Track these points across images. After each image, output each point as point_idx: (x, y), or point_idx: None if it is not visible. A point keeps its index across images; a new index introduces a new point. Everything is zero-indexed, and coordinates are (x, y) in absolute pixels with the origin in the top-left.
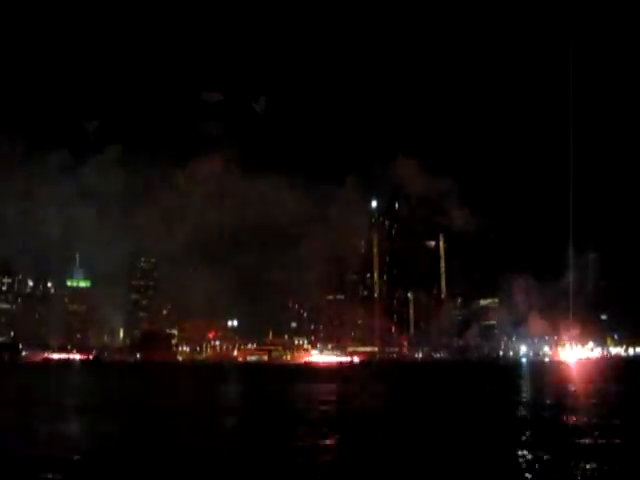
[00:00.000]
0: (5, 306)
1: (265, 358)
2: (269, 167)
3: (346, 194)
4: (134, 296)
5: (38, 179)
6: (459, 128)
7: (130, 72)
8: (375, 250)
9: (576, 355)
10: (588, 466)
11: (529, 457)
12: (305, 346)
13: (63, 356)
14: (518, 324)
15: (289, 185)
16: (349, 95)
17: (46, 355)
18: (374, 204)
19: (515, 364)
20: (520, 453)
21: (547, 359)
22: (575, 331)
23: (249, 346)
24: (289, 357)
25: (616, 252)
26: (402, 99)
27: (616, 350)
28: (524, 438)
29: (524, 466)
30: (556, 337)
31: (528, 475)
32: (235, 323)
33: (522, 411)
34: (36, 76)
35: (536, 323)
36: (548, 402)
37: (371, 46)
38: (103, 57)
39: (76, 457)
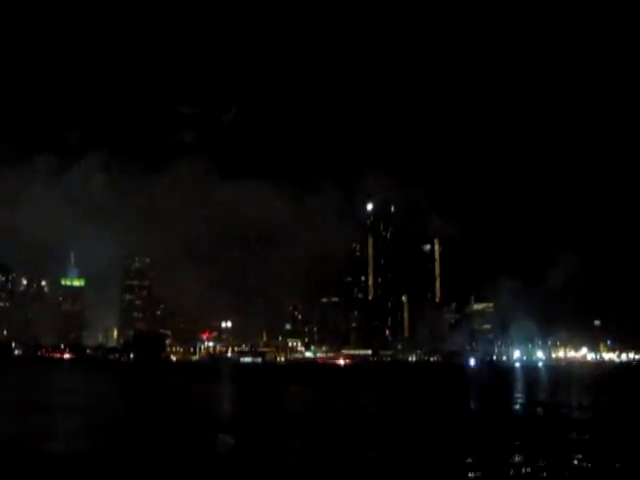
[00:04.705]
0: None
1: (259, 360)
2: (252, 172)
3: (331, 199)
4: (128, 296)
5: (30, 180)
6: (447, 136)
7: (110, 87)
8: (370, 253)
9: (569, 360)
10: None
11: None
12: (299, 348)
13: (56, 355)
14: (512, 328)
15: (275, 189)
16: (326, 104)
17: (39, 354)
18: (369, 207)
19: (509, 368)
20: None
21: (540, 363)
22: (567, 335)
23: (243, 347)
24: (283, 359)
25: (602, 258)
26: (376, 106)
27: (609, 356)
28: None
29: None
30: (549, 342)
31: None
32: (229, 324)
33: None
34: (22, 87)
35: (528, 327)
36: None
37: (342, 59)
38: (84, 73)
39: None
